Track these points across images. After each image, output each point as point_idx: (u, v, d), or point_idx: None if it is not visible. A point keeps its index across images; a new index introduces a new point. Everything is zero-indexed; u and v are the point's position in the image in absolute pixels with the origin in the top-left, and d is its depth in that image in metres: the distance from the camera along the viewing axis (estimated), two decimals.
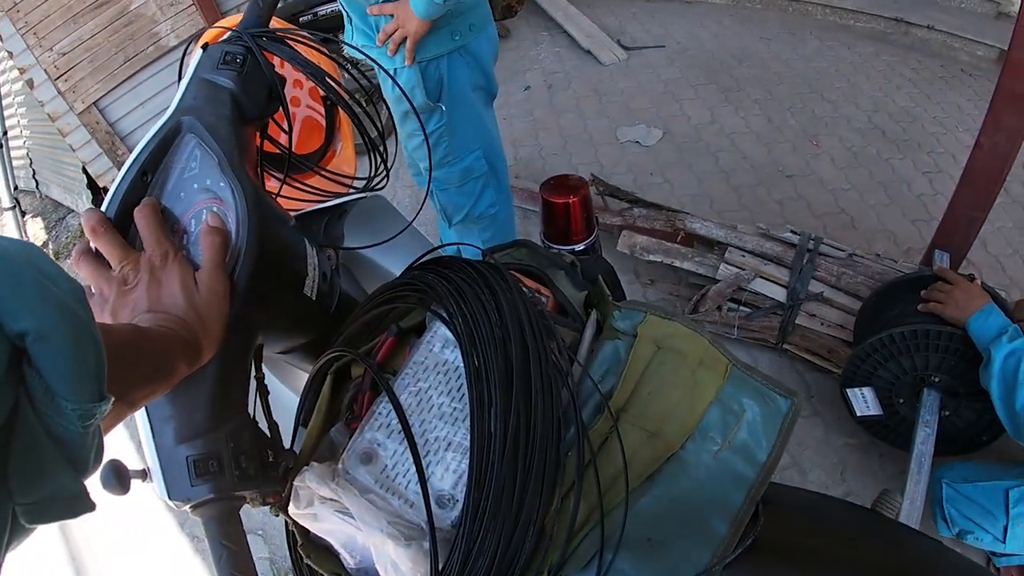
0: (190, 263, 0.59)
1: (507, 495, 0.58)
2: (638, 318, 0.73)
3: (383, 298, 0.74)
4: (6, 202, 3.75)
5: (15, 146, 4.14)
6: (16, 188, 4.02)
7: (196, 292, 0.57)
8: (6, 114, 3.73)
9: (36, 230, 4.20)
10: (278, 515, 0.66)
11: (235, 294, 0.60)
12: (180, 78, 0.70)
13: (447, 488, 0.61)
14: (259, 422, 0.65)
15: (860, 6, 4.08)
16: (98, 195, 3.70)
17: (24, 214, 4.25)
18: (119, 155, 3.69)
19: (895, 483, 1.73)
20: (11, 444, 0.32)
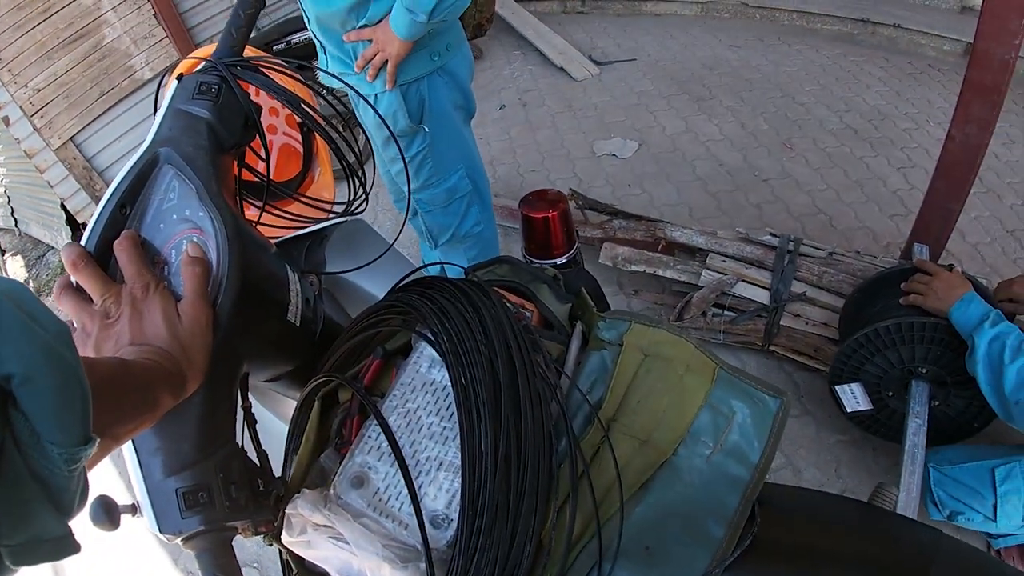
0: (172, 294, 0.59)
1: (502, 512, 0.58)
2: (623, 327, 0.73)
3: (367, 322, 0.74)
4: None
5: None
6: None
7: (179, 323, 0.56)
8: None
9: (16, 268, 4.15)
10: (271, 544, 0.65)
11: (218, 323, 0.59)
12: (156, 110, 0.70)
13: (441, 508, 0.61)
14: (248, 452, 0.64)
15: (826, 9, 4.17)
16: (77, 231, 3.67)
17: (3, 252, 4.20)
18: (97, 190, 3.66)
19: (890, 476, 1.74)
20: None
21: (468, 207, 1.82)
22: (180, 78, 0.70)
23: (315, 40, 1.64)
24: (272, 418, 0.90)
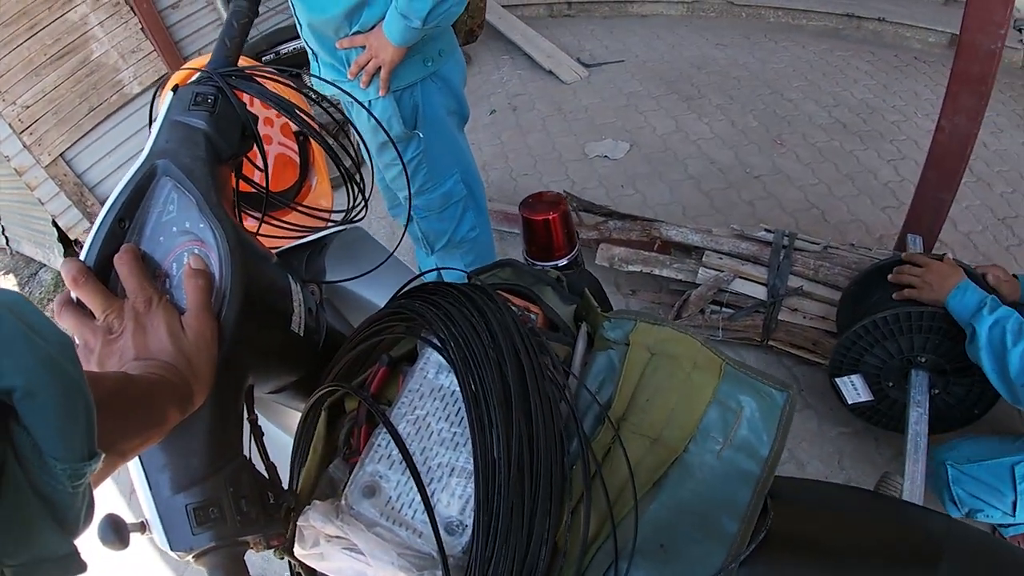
0: (175, 307, 0.58)
1: (516, 515, 0.57)
2: (629, 326, 0.73)
3: (371, 330, 0.73)
4: None
5: None
6: None
7: (183, 336, 0.56)
8: None
9: (8, 287, 4.10)
10: (283, 558, 0.64)
11: (223, 336, 0.59)
12: (151, 122, 0.70)
13: (455, 514, 0.60)
14: (256, 464, 0.64)
15: (811, 5, 4.20)
16: (69, 248, 3.64)
17: None
18: (89, 206, 3.65)
19: (893, 466, 1.75)
20: None
21: (463, 212, 1.82)
22: (175, 89, 0.70)
23: (307, 47, 1.63)
24: (278, 432, 0.89)
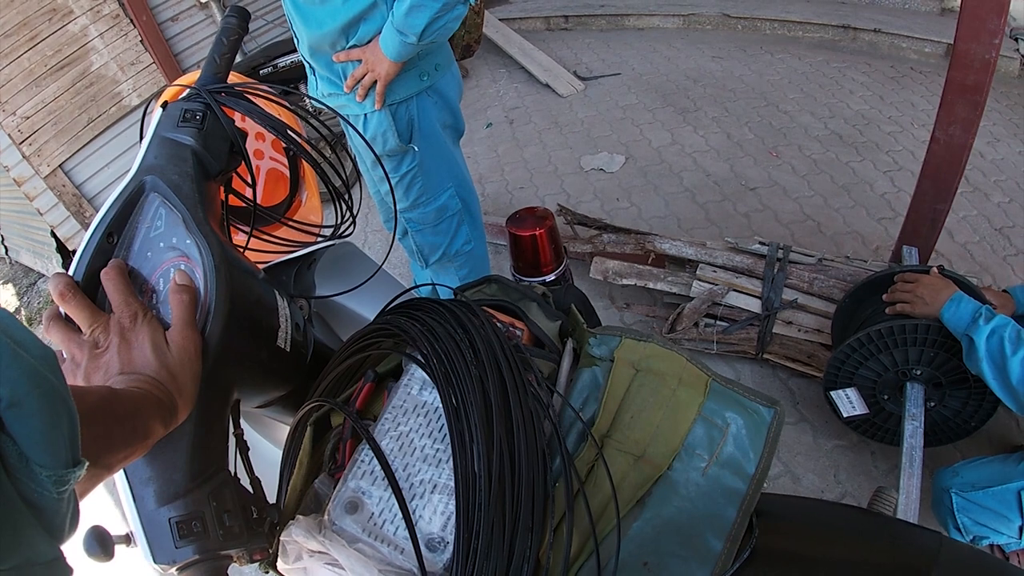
0: (160, 323, 0.59)
1: (498, 532, 0.57)
2: (614, 343, 0.73)
3: (358, 346, 0.74)
4: None
5: None
6: None
7: (167, 351, 0.56)
8: None
9: (7, 296, 4.13)
10: (267, 572, 0.64)
11: (207, 351, 0.59)
12: (141, 138, 0.70)
13: (436, 531, 0.60)
14: (241, 479, 0.64)
15: (807, 17, 4.23)
16: (68, 258, 3.65)
17: None
18: (87, 217, 3.66)
19: (889, 479, 1.74)
20: None
21: (458, 226, 1.83)
22: (165, 106, 0.71)
23: (305, 61, 1.65)
24: (267, 445, 0.89)
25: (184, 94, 0.74)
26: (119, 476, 0.55)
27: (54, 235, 3.64)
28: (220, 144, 0.71)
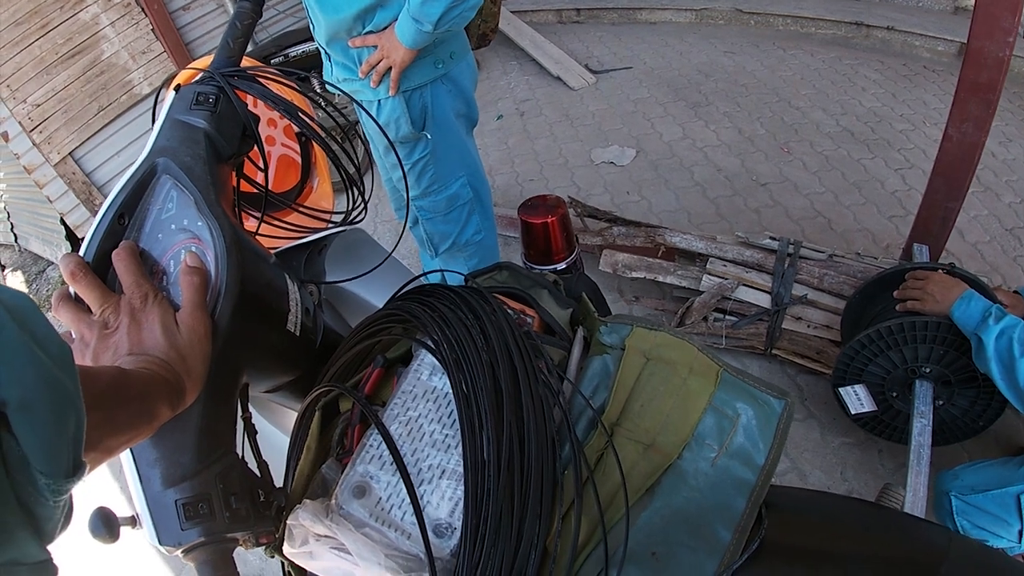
0: (170, 304, 0.59)
1: (506, 519, 0.57)
2: (625, 331, 0.73)
3: (368, 331, 0.73)
4: None
5: None
6: None
7: (177, 333, 0.56)
8: None
9: (16, 283, 4.15)
10: (273, 556, 0.64)
11: (217, 333, 0.59)
12: (154, 120, 0.70)
13: (444, 516, 0.60)
14: (248, 462, 0.64)
15: (820, 13, 4.19)
16: (77, 246, 3.64)
17: (3, 268, 4.21)
18: (96, 205, 3.67)
19: (896, 477, 1.73)
20: None
21: (469, 215, 1.82)
22: (178, 89, 0.71)
23: (321, 48, 1.65)
24: (273, 430, 0.89)
25: (197, 77, 0.73)
26: (126, 457, 0.55)
27: (64, 223, 3.66)
28: (233, 127, 0.71)
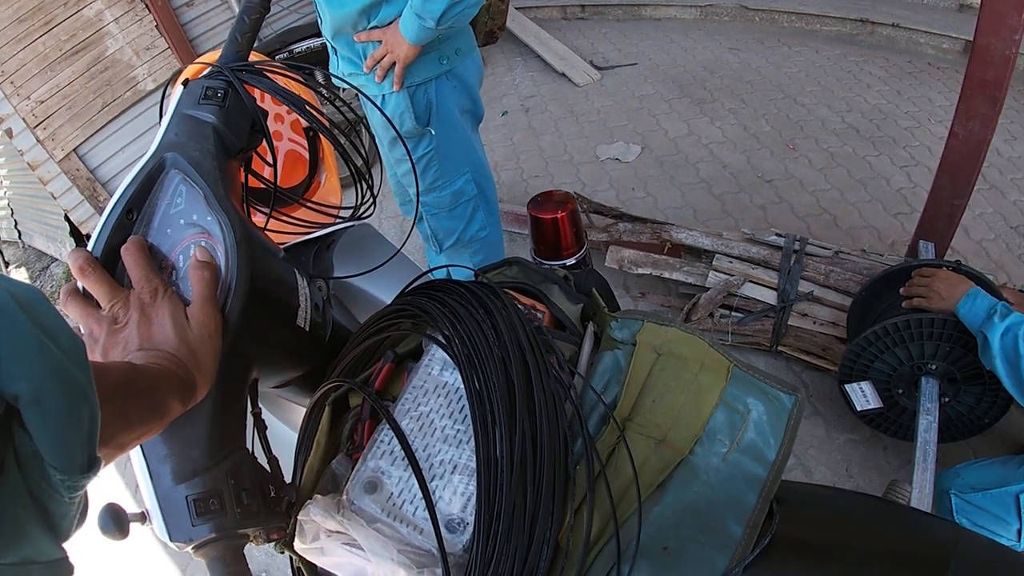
0: (180, 299, 0.58)
1: (518, 514, 0.57)
2: (636, 327, 0.72)
3: (377, 326, 0.73)
4: None
5: None
6: None
7: (187, 328, 0.56)
8: None
9: (20, 280, 4.16)
10: (283, 552, 0.64)
11: (227, 328, 0.59)
12: (161, 116, 0.70)
13: (456, 511, 0.60)
14: (259, 458, 0.63)
15: (825, 10, 4.18)
16: (81, 242, 3.67)
17: (7, 264, 4.21)
18: (101, 201, 3.68)
19: (902, 474, 1.73)
20: None
21: (474, 211, 1.82)
22: (186, 83, 0.70)
23: (327, 42, 1.65)
24: (282, 426, 0.89)
25: (206, 72, 0.73)
26: (136, 453, 0.55)
27: (68, 219, 3.67)
28: (241, 122, 0.70)
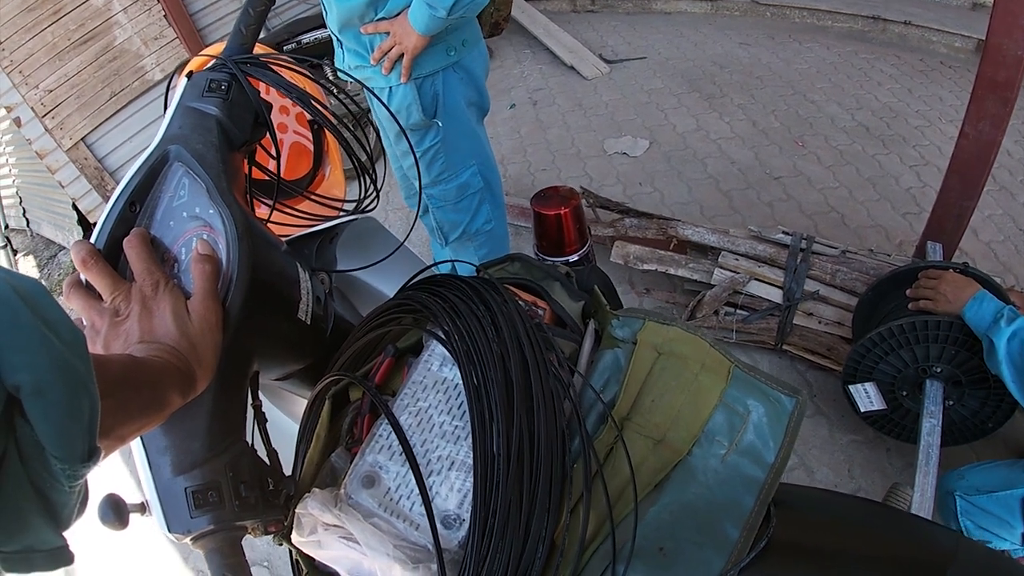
0: (182, 292, 0.59)
1: (514, 512, 0.57)
2: (637, 325, 0.72)
3: (378, 320, 0.73)
4: None
5: (4, 185, 4.14)
6: (7, 227, 4.02)
7: (188, 321, 0.56)
8: None
9: (28, 268, 4.18)
10: (281, 544, 0.65)
11: (228, 321, 0.59)
12: (166, 108, 0.70)
13: (452, 508, 0.60)
14: (258, 450, 0.64)
15: (837, 7, 4.14)
16: (89, 231, 3.63)
17: (15, 253, 4.23)
18: (108, 190, 3.69)
19: (904, 476, 1.72)
20: None
21: (479, 204, 1.82)
22: (190, 76, 0.70)
23: (333, 35, 1.64)
24: (283, 417, 0.89)
25: (210, 64, 0.73)
26: (136, 445, 0.55)
27: (75, 208, 3.68)
28: (245, 115, 0.70)
